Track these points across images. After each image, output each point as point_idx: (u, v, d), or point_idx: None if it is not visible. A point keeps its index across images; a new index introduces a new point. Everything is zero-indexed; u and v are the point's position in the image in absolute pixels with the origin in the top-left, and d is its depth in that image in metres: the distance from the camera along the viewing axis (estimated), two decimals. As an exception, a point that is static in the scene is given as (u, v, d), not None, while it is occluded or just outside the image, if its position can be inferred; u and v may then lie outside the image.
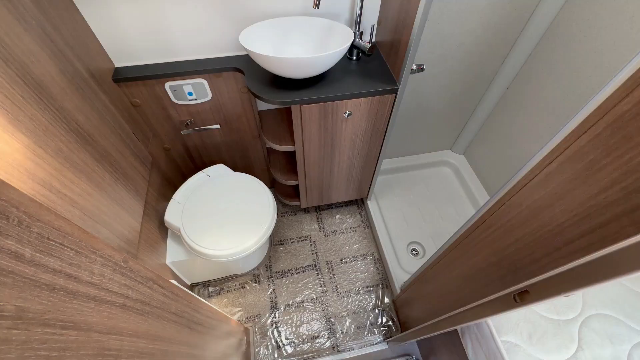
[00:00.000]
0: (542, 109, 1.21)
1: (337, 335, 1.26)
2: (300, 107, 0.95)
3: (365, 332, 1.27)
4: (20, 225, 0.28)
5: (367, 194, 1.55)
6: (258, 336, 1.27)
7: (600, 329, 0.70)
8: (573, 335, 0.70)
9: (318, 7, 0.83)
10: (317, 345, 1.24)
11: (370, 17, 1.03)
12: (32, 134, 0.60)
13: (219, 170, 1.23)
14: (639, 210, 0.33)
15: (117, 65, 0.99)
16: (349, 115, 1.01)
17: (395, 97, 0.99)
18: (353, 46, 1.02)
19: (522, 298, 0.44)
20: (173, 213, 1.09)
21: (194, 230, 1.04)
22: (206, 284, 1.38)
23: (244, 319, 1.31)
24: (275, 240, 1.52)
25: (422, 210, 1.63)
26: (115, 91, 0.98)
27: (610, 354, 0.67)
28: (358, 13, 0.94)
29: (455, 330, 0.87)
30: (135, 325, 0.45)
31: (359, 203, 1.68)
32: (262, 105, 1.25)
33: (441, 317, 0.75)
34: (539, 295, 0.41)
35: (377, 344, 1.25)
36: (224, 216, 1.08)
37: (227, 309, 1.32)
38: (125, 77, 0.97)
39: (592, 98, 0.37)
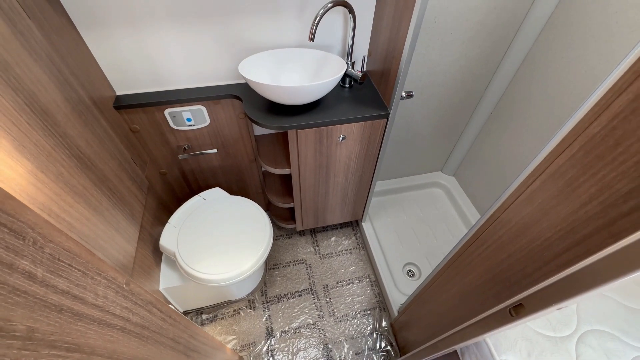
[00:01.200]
0: (525, 131, 1.27)
1: (335, 362, 1.23)
2: (297, 132, 0.99)
3: (364, 358, 1.24)
4: (35, 245, 0.29)
5: (362, 216, 1.57)
6: (253, 366, 1.22)
7: (596, 345, 0.71)
8: (571, 351, 0.70)
9: (313, 40, 0.89)
10: (315, 373, 1.20)
11: (361, 49, 1.11)
12: (35, 159, 0.62)
13: (215, 194, 1.24)
14: (617, 222, 0.36)
15: (118, 93, 1.03)
16: (343, 139, 1.05)
17: (387, 122, 1.04)
18: (346, 75, 1.08)
19: (517, 312, 0.46)
20: (168, 237, 1.08)
21: (189, 255, 1.03)
22: (199, 311, 1.34)
23: (238, 348, 1.26)
24: (271, 264, 1.51)
25: (416, 230, 1.65)
26: (115, 118, 1.01)
27: None
28: (350, 45, 1.01)
29: (455, 351, 0.86)
30: (135, 350, 0.45)
31: (353, 225, 1.69)
32: (259, 130, 1.29)
33: (439, 338, 0.74)
34: (533, 308, 0.43)
35: (376, 370, 1.21)
36: (220, 240, 1.08)
37: (221, 337, 1.28)
38: (125, 104, 1.00)
39: (567, 122, 0.41)
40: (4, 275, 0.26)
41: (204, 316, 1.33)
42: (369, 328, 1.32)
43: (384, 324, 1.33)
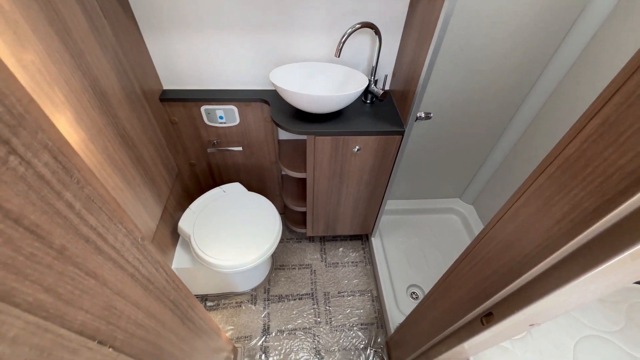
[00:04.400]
0: (547, 166, 1.25)
1: (325, 371, 1.23)
2: (315, 138, 1.06)
3: (354, 372, 1.23)
4: (77, 184, 0.38)
5: (372, 231, 1.58)
6: (246, 359, 1.25)
7: (590, 389, 0.67)
8: (560, 390, 0.67)
9: (339, 56, 0.97)
10: (303, 377, 1.21)
11: (386, 69, 1.17)
12: (88, 132, 0.73)
13: (235, 188, 1.33)
14: (584, 240, 0.38)
15: (165, 87, 1.17)
16: (358, 150, 1.10)
17: (402, 139, 1.08)
18: (368, 91, 1.14)
19: (488, 320, 0.47)
20: (187, 221, 1.18)
21: (202, 239, 1.11)
22: (204, 298, 1.41)
23: (234, 339, 1.30)
24: (277, 264, 1.56)
25: (426, 254, 1.63)
26: (159, 108, 1.14)
27: None
28: (374, 64, 1.08)
29: None
30: (139, 297, 0.51)
31: (363, 239, 1.71)
32: (282, 135, 1.38)
33: (421, 350, 0.74)
34: (501, 316, 0.44)
35: (365, 386, 1.20)
36: (231, 230, 1.15)
37: (220, 326, 1.33)
38: (169, 97, 1.14)
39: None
40: (53, 199, 0.34)
41: (208, 303, 1.40)
42: (363, 342, 1.31)
43: (379, 340, 1.32)
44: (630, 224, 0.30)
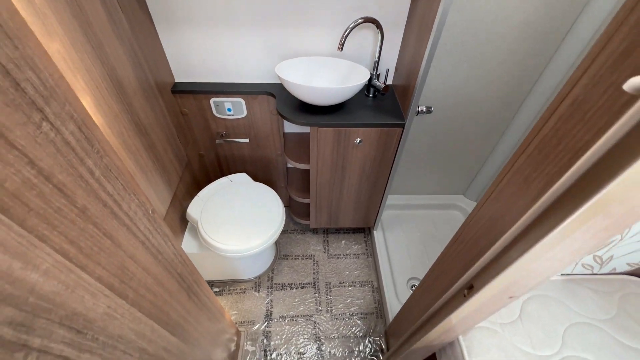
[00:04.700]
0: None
1: (324, 356, 1.27)
2: (318, 130, 1.10)
3: (353, 357, 1.26)
4: (98, 154, 0.43)
5: (374, 224, 1.61)
6: (248, 342, 1.30)
7: (576, 371, 0.69)
8: (547, 372, 0.69)
9: (342, 50, 1.01)
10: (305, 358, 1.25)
11: (388, 64, 1.20)
12: (106, 117, 0.79)
13: (241, 178, 1.38)
14: (552, 217, 0.41)
15: (176, 80, 1.23)
16: (359, 142, 1.14)
17: (402, 131, 1.11)
18: (370, 85, 1.18)
19: (469, 292, 0.50)
20: (195, 207, 1.23)
21: (209, 225, 1.17)
22: (211, 283, 1.47)
23: (237, 323, 1.36)
24: (281, 254, 1.60)
25: (427, 248, 1.65)
26: (171, 100, 1.20)
27: None
28: (377, 59, 1.11)
29: (434, 355, 0.88)
30: (149, 264, 0.56)
31: (365, 232, 1.74)
32: (288, 128, 1.43)
33: (411, 330, 0.78)
34: (481, 285, 0.47)
35: (362, 372, 1.23)
36: (237, 217, 1.21)
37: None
38: (181, 90, 1.20)
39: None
40: (77, 164, 0.38)
41: (214, 289, 1.46)
42: (362, 331, 1.35)
43: (378, 329, 1.35)
44: (577, 190, 0.33)
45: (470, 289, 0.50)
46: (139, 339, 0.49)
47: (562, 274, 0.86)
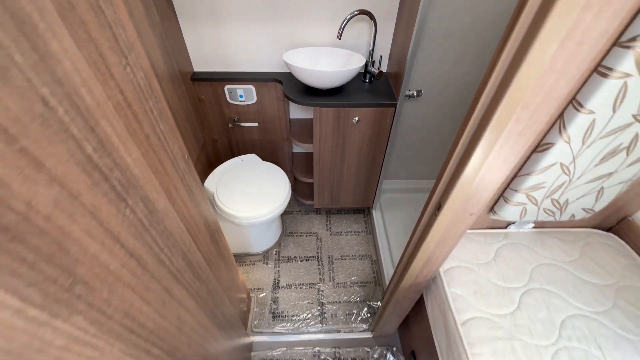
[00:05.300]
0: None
1: (326, 317, 1.39)
2: (320, 110, 1.24)
3: (352, 320, 1.39)
4: (155, 98, 0.57)
5: (372, 203, 1.75)
6: (257, 308, 1.43)
7: (540, 298, 0.81)
8: (514, 299, 0.81)
9: (340, 38, 1.16)
10: (308, 321, 1.37)
11: (382, 52, 1.35)
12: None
13: (251, 158, 1.53)
14: (479, 134, 0.54)
15: (195, 69, 1.39)
16: (357, 121, 1.28)
17: (395, 111, 1.25)
18: (366, 72, 1.32)
19: (438, 212, 0.63)
20: (211, 181, 1.38)
21: (224, 196, 1.31)
22: (223, 257, 1.60)
23: (248, 290, 1.49)
24: (287, 232, 1.74)
25: (423, 227, 1.77)
26: (190, 87, 1.36)
27: (544, 316, 0.78)
28: (371, 48, 1.26)
29: (424, 305, 1.00)
30: (185, 198, 0.71)
31: (365, 213, 1.87)
32: (293, 114, 1.58)
33: (398, 273, 0.91)
34: (444, 200, 0.60)
35: (362, 331, 1.35)
36: (249, 189, 1.35)
37: (236, 279, 1.52)
38: (199, 78, 1.35)
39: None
40: (144, 102, 0.53)
41: (225, 261, 1.59)
42: (361, 297, 1.47)
43: (376, 294, 1.47)
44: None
45: (439, 209, 0.63)
46: (182, 243, 0.63)
47: (533, 226, 0.98)
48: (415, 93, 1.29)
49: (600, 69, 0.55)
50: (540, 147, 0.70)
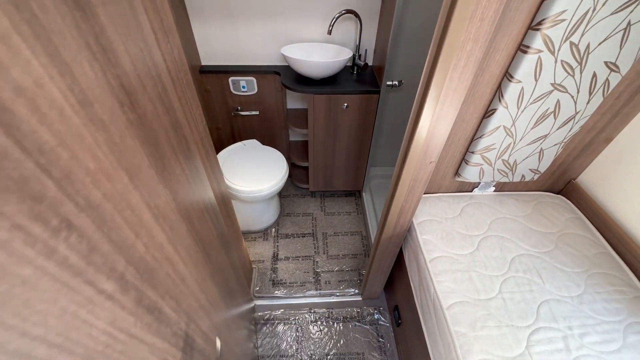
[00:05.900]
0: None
1: (322, 283, 1.55)
2: (314, 97, 1.42)
3: (345, 285, 1.55)
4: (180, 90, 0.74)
5: (362, 186, 1.92)
6: (258, 276, 1.59)
7: (495, 242, 0.98)
8: (474, 243, 0.98)
9: (330, 34, 1.34)
10: (305, 287, 1.53)
11: (367, 46, 1.54)
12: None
13: (253, 143, 1.70)
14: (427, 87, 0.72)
15: (202, 63, 1.56)
16: (346, 107, 1.46)
17: (379, 98, 1.43)
18: (354, 64, 1.51)
19: (404, 162, 0.81)
20: (217, 162, 1.55)
21: (229, 173, 1.48)
22: (226, 234, 1.76)
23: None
24: (285, 212, 1.90)
25: (409, 207, 1.95)
26: (198, 80, 1.53)
27: (497, 255, 0.95)
28: (358, 43, 1.45)
29: (404, 269, 1.17)
30: (212, 168, 0.87)
31: (356, 196, 2.04)
32: (290, 105, 1.75)
33: (379, 230, 1.08)
34: (407, 151, 0.78)
35: (353, 295, 1.51)
36: (250, 169, 1.52)
37: (239, 253, 1.67)
38: (206, 70, 1.53)
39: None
40: (160, 90, 0.70)
41: (229, 238, 1.75)
42: (352, 266, 1.63)
43: (366, 264, 1.63)
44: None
45: (405, 160, 0.81)
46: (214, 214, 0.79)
47: (494, 190, 1.16)
48: (397, 83, 1.48)
49: (522, 47, 0.74)
50: (487, 113, 0.88)
